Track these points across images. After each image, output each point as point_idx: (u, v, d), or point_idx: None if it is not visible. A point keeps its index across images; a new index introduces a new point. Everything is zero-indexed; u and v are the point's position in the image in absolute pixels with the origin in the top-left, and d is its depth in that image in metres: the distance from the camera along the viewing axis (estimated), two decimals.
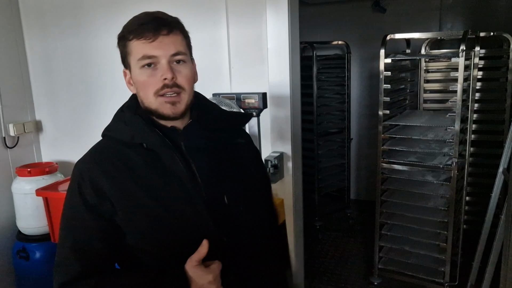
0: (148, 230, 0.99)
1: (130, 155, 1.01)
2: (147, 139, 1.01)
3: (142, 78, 0.99)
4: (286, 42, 2.37)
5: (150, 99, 0.99)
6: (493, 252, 2.34)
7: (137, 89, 1.03)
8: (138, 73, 0.99)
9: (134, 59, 0.99)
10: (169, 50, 0.98)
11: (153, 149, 1.01)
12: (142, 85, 1.00)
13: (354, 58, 4.42)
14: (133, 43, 0.98)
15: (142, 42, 0.97)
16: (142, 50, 0.97)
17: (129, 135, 1.02)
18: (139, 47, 0.98)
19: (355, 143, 4.79)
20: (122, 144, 1.02)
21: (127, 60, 1.02)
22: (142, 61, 0.98)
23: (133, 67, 1.00)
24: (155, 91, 0.98)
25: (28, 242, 2.73)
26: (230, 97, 2.23)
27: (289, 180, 2.54)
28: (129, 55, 1.01)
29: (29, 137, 3.07)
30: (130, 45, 0.99)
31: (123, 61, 1.05)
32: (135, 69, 1.00)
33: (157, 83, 0.98)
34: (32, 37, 3.01)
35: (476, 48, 3.10)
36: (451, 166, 2.69)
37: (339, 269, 3.47)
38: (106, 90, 2.80)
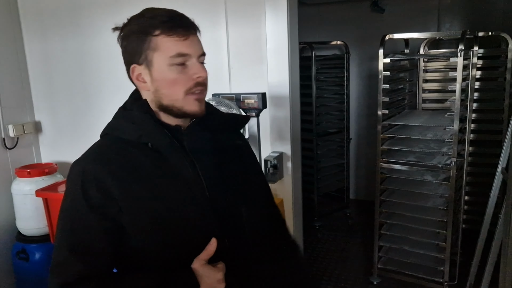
0: (154, 230, 0.98)
1: (135, 155, 0.98)
2: (155, 139, 0.99)
3: (172, 76, 0.97)
4: (285, 43, 2.38)
5: (178, 96, 0.98)
6: (492, 251, 2.35)
7: (159, 86, 0.99)
8: (167, 70, 0.97)
9: (162, 56, 0.96)
10: (199, 49, 0.99)
11: (159, 149, 0.99)
12: (171, 83, 0.97)
13: (353, 58, 4.43)
14: (162, 39, 0.95)
15: (174, 39, 0.95)
16: (175, 47, 0.95)
17: (135, 134, 0.99)
18: (171, 44, 0.95)
19: (354, 143, 4.79)
20: (126, 144, 0.99)
21: (147, 56, 0.98)
22: (175, 58, 0.96)
23: (160, 63, 0.97)
24: (186, 89, 0.97)
25: (28, 243, 2.73)
26: (229, 97, 2.23)
27: (289, 180, 2.55)
28: (152, 51, 0.96)
29: (28, 138, 3.07)
30: (157, 41, 0.96)
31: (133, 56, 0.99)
32: (162, 66, 0.97)
33: (189, 81, 0.97)
34: (31, 39, 3.01)
35: (474, 48, 3.11)
36: (450, 166, 2.69)
37: (338, 269, 3.47)
38: (105, 91, 2.80)
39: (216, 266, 0.97)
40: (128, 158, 0.98)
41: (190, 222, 1.00)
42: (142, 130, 0.99)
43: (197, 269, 0.95)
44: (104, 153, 1.00)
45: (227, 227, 1.04)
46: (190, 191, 1.00)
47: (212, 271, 0.96)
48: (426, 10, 4.30)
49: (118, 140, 1.01)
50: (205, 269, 0.95)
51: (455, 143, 2.66)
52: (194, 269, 0.96)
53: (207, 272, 0.95)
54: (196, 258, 0.96)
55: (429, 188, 2.88)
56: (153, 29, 0.96)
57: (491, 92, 3.58)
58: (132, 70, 1.01)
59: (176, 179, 0.99)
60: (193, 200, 1.00)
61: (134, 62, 0.99)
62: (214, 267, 0.97)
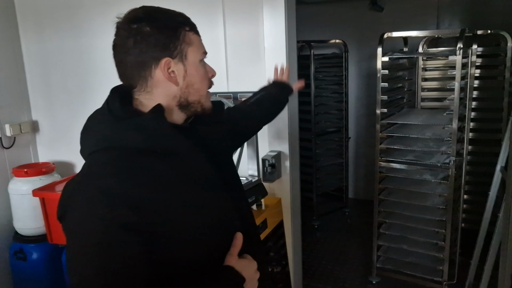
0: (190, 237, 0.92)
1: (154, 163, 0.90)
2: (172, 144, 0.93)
3: (203, 72, 1.00)
4: (283, 41, 2.37)
5: (204, 92, 1.01)
6: (491, 250, 2.34)
7: (192, 81, 0.98)
8: (199, 66, 0.99)
9: (196, 51, 0.98)
10: None
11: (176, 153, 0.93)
12: (202, 78, 1.00)
13: (351, 57, 4.42)
14: (192, 35, 0.98)
15: (199, 37, 1.00)
16: (202, 45, 1.01)
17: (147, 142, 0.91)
18: (199, 41, 1.00)
19: (353, 142, 4.79)
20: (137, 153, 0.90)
21: (182, 49, 0.95)
22: (203, 55, 1.01)
23: (194, 59, 0.98)
24: (208, 85, 1.03)
25: (25, 243, 2.72)
26: (227, 96, 2.22)
27: (287, 179, 2.54)
28: (187, 46, 0.96)
29: (25, 138, 3.06)
30: (190, 36, 0.97)
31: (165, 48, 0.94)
32: (195, 61, 0.98)
33: (209, 78, 1.03)
34: (28, 38, 3.00)
35: (473, 46, 3.10)
36: (449, 165, 2.68)
37: (337, 268, 3.46)
38: (103, 90, 2.75)
39: (247, 258, 0.98)
40: (146, 167, 0.89)
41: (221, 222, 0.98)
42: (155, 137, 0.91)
43: (235, 265, 0.95)
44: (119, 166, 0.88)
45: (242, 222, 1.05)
46: (215, 192, 0.99)
47: (248, 263, 0.98)
48: (425, 8, 4.29)
49: (128, 151, 0.90)
50: (241, 262, 0.96)
51: (454, 142, 2.65)
52: (232, 265, 0.95)
53: (244, 265, 0.96)
54: (228, 255, 0.96)
55: (428, 187, 2.87)
56: (185, 25, 0.97)
57: (490, 91, 3.58)
58: (165, 64, 0.94)
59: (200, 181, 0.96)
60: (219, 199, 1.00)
61: (166, 55, 0.93)
62: (247, 259, 0.98)
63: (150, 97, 0.96)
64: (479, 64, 3.47)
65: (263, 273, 1.16)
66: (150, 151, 0.90)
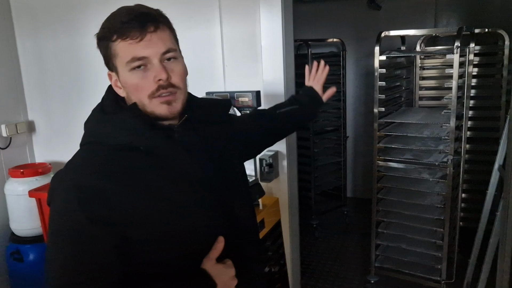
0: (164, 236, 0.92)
1: (130, 160, 0.91)
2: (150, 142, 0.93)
3: (134, 81, 0.93)
4: (280, 40, 2.36)
5: (144, 102, 0.94)
6: (489, 248, 2.34)
7: (128, 92, 0.96)
8: (129, 76, 0.93)
9: (121, 62, 0.93)
10: (160, 48, 0.92)
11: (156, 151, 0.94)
12: (135, 88, 0.94)
13: (349, 56, 4.41)
14: (118, 44, 0.92)
15: (128, 43, 0.91)
16: (130, 51, 0.91)
17: (127, 139, 0.92)
18: (126, 48, 0.91)
19: (351, 141, 4.78)
20: (117, 150, 0.92)
21: (113, 63, 0.95)
22: (131, 63, 0.91)
23: (122, 70, 0.94)
24: (149, 93, 0.93)
25: (22, 243, 2.71)
26: (223, 95, 2.21)
27: (284, 178, 2.53)
28: (114, 57, 0.94)
29: (21, 138, 3.04)
30: (115, 47, 0.92)
31: (106, 63, 0.97)
32: (124, 72, 0.93)
33: (151, 85, 0.92)
34: (24, 37, 2.99)
35: (471, 45, 3.09)
36: (447, 163, 2.68)
37: (336, 267, 3.46)
38: (100, 89, 2.75)
39: (226, 263, 0.97)
40: (124, 164, 0.91)
41: (198, 222, 0.97)
42: (134, 134, 0.93)
43: (210, 269, 0.94)
44: (96, 162, 0.91)
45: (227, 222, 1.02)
46: (193, 190, 0.97)
47: (225, 269, 0.96)
48: (423, 7, 4.28)
49: (108, 147, 0.93)
50: (217, 267, 0.95)
51: (452, 140, 2.64)
52: (207, 269, 0.93)
53: (220, 271, 0.94)
54: (206, 258, 0.95)
55: (426, 186, 2.87)
56: (111, 34, 0.92)
57: (488, 89, 3.57)
58: (109, 77, 0.99)
59: (178, 180, 0.95)
60: (198, 199, 0.97)
61: (109, 69, 0.97)
62: (226, 265, 0.96)
63: None
64: (477, 63, 3.47)
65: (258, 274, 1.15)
66: (131, 148, 0.92)
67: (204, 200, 0.99)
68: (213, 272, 0.94)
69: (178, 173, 0.96)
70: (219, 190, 1.03)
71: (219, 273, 0.94)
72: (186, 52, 1.07)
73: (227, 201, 1.05)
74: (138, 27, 0.90)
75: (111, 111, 0.97)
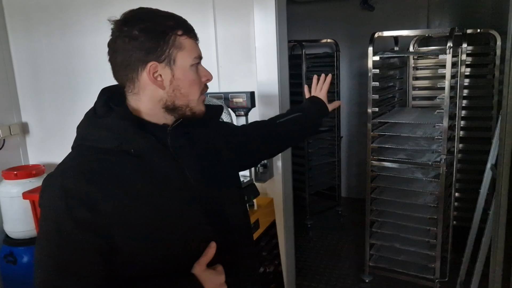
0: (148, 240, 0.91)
1: (117, 164, 0.92)
2: (137, 145, 0.94)
3: (192, 77, 0.99)
4: (274, 41, 2.36)
5: (195, 96, 1.00)
6: (482, 247, 2.35)
7: (179, 85, 0.97)
8: (189, 70, 0.98)
9: (186, 56, 0.97)
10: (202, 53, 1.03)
11: (142, 154, 0.94)
12: (191, 83, 0.99)
13: (343, 56, 4.43)
14: (184, 39, 0.97)
15: (194, 41, 0.99)
16: (196, 49, 0.99)
17: (115, 142, 0.93)
18: (193, 45, 0.99)
19: (346, 141, 4.80)
20: (105, 153, 0.93)
21: (171, 54, 0.95)
22: (196, 59, 0.99)
23: (183, 63, 0.97)
24: (201, 90, 1.01)
25: (16, 246, 2.69)
26: (218, 96, 2.21)
27: (279, 179, 2.53)
28: (176, 49, 0.96)
29: (15, 140, 3.03)
30: (181, 40, 0.96)
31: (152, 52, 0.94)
32: (185, 66, 0.97)
33: (201, 83, 1.01)
34: (17, 38, 2.97)
35: (463, 45, 3.12)
36: (440, 163, 2.70)
37: (330, 267, 3.47)
38: (94, 90, 2.73)
39: (216, 270, 0.96)
40: (110, 167, 0.92)
41: (184, 226, 0.97)
42: (122, 137, 0.93)
43: (200, 274, 0.93)
44: (83, 165, 0.92)
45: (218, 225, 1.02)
46: (179, 193, 0.97)
47: (215, 275, 0.95)
48: (416, 7, 4.31)
49: (95, 150, 0.94)
50: (207, 273, 0.94)
51: (444, 140, 2.66)
52: (197, 274, 0.93)
53: (209, 277, 0.94)
54: (196, 263, 0.94)
55: (420, 186, 2.89)
56: (178, 28, 0.96)
57: (480, 89, 3.60)
58: (151, 68, 0.95)
59: (164, 183, 0.95)
60: (184, 202, 0.97)
61: (152, 59, 0.94)
62: (216, 271, 0.96)
63: (137, 99, 0.99)
64: (469, 63, 3.50)
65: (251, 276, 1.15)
66: (120, 151, 0.93)
67: (192, 205, 0.99)
68: (203, 278, 0.93)
69: (167, 177, 0.96)
70: (209, 194, 1.03)
71: (208, 278, 0.94)
72: None
73: (218, 205, 1.05)
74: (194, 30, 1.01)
75: (102, 114, 0.97)
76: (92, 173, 0.90)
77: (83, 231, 0.87)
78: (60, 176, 0.92)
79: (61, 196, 0.88)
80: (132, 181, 0.92)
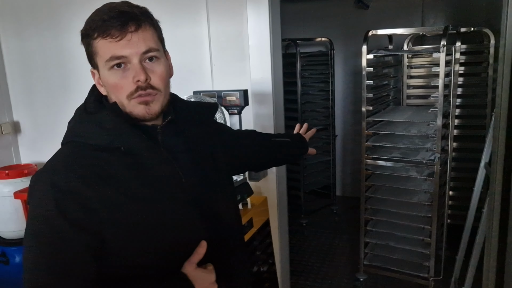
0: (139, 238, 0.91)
1: (108, 161, 0.91)
2: (129, 142, 0.93)
3: (113, 81, 0.92)
4: (267, 39, 2.35)
5: (123, 101, 0.93)
6: (476, 245, 2.36)
7: (108, 91, 0.95)
8: (108, 75, 0.92)
9: (101, 60, 0.92)
10: (139, 48, 0.90)
11: (134, 152, 0.93)
12: (114, 88, 0.93)
13: (337, 55, 4.43)
14: (98, 42, 0.91)
15: (108, 41, 0.89)
16: (109, 50, 0.90)
17: (107, 139, 0.92)
18: (105, 46, 0.90)
19: (340, 139, 4.80)
20: (96, 150, 0.91)
21: (94, 60, 0.94)
22: (110, 62, 0.90)
23: (101, 68, 0.93)
24: (128, 94, 0.92)
25: (8, 246, 2.67)
26: (211, 94, 2.19)
27: (273, 178, 2.53)
28: (95, 55, 0.93)
29: (7, 139, 3.00)
30: (96, 44, 0.91)
31: (89, 60, 0.97)
32: (103, 71, 0.93)
33: (130, 85, 0.91)
34: (8, 36, 2.94)
35: (457, 44, 3.12)
36: (434, 161, 2.70)
37: (325, 266, 3.47)
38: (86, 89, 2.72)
39: (207, 268, 0.95)
40: (102, 164, 0.90)
41: (175, 224, 0.96)
42: (115, 134, 0.92)
43: (190, 273, 0.93)
44: (73, 161, 0.91)
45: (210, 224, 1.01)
46: (171, 192, 0.96)
47: (205, 274, 0.94)
48: (410, 6, 4.32)
49: (86, 147, 0.92)
50: (198, 272, 0.93)
51: (438, 138, 2.66)
52: (187, 273, 0.92)
53: (200, 275, 0.93)
54: (187, 261, 0.94)
55: (414, 184, 2.89)
56: (93, 31, 0.91)
57: (474, 88, 3.61)
58: (92, 75, 0.98)
59: (156, 181, 0.94)
60: (176, 201, 0.96)
61: (92, 66, 0.97)
62: (206, 270, 0.95)
63: None
64: (463, 61, 3.50)
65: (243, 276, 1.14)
66: (111, 148, 0.92)
67: (184, 203, 0.98)
68: (193, 277, 0.93)
69: (158, 175, 0.95)
70: (201, 192, 1.02)
71: (199, 277, 0.93)
72: (173, 51, 1.06)
73: (210, 204, 1.04)
74: (118, 25, 0.89)
75: (93, 111, 0.96)
76: (83, 170, 0.88)
77: (73, 229, 0.85)
78: (49, 173, 0.90)
79: (51, 193, 0.86)
80: (123, 179, 0.90)
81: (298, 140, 1.64)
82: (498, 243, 1.88)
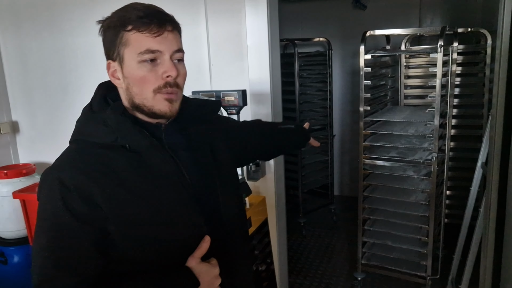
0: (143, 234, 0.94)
1: (113, 158, 0.93)
2: (133, 141, 0.95)
3: (141, 73, 0.94)
4: (265, 39, 2.36)
5: (147, 95, 0.95)
6: (473, 244, 2.37)
7: (130, 83, 0.96)
8: (137, 67, 0.94)
9: (132, 52, 0.94)
10: (173, 46, 0.95)
11: (138, 150, 0.95)
12: (140, 81, 0.94)
13: (335, 55, 4.44)
14: (132, 34, 0.93)
15: (145, 35, 0.93)
16: (145, 43, 0.93)
17: (111, 137, 0.94)
18: (141, 39, 0.93)
19: (338, 139, 4.81)
20: (102, 147, 0.94)
21: (119, 51, 0.95)
22: (144, 55, 0.93)
23: (130, 60, 0.94)
24: (155, 88, 0.94)
25: (6, 246, 2.67)
26: (209, 94, 2.20)
27: (271, 177, 2.54)
28: (124, 46, 0.94)
29: (5, 138, 3.00)
30: (128, 36, 0.93)
31: (108, 52, 0.98)
32: (132, 63, 0.94)
33: (158, 80, 0.94)
34: (6, 36, 2.94)
35: (454, 44, 3.14)
36: (431, 161, 2.72)
37: (323, 265, 3.48)
38: (84, 89, 2.74)
39: (210, 263, 0.98)
40: (106, 162, 0.93)
41: (178, 221, 0.98)
42: (118, 132, 0.94)
43: (195, 268, 0.95)
44: (79, 159, 0.94)
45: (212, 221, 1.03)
46: (174, 189, 0.98)
47: (209, 268, 0.97)
48: (408, 6, 4.34)
49: (91, 145, 0.95)
50: (202, 266, 0.96)
51: (436, 138, 2.68)
52: (192, 267, 0.95)
53: (204, 269, 0.96)
54: (191, 256, 0.96)
55: (411, 184, 2.90)
56: (127, 24, 0.93)
57: (471, 88, 3.63)
58: (108, 66, 0.99)
59: (159, 179, 0.97)
60: (179, 198, 0.98)
61: (109, 57, 0.98)
62: (210, 264, 0.98)
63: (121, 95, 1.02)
64: (460, 62, 3.52)
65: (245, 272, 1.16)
66: (115, 146, 0.94)
67: (187, 200, 1.00)
68: (197, 271, 0.95)
69: (162, 172, 0.97)
70: (204, 190, 1.04)
71: (203, 271, 0.96)
72: None
73: (213, 201, 1.05)
74: (157, 23, 0.93)
75: (98, 109, 0.98)
76: (88, 167, 0.92)
77: (79, 223, 0.88)
78: (56, 170, 0.93)
79: (58, 189, 0.89)
80: (128, 176, 0.93)
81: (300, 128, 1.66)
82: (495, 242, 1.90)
